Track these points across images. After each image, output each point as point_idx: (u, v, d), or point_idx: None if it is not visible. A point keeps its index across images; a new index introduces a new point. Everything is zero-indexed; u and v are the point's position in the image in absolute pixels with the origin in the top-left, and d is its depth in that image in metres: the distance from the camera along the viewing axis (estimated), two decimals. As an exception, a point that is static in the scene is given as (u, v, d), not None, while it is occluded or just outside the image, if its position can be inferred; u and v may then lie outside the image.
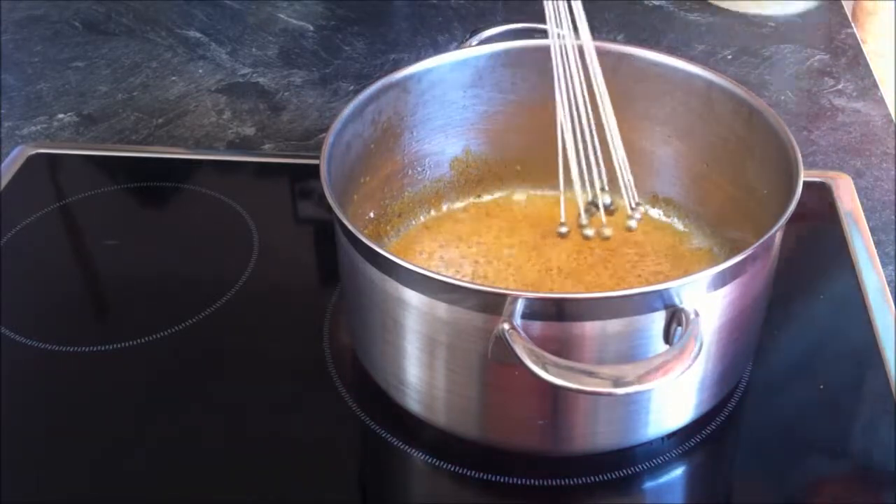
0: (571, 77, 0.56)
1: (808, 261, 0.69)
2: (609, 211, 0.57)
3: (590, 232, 0.57)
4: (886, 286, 0.66)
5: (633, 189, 0.57)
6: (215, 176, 0.79)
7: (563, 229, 0.57)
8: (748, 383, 0.60)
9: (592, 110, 0.56)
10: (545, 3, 0.56)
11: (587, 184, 0.56)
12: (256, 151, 0.84)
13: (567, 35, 0.55)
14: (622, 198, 0.57)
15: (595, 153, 0.56)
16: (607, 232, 0.57)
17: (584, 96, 0.56)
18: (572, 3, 0.56)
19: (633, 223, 0.57)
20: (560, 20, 0.55)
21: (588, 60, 0.57)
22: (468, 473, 0.55)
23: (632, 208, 0.57)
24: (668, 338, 0.48)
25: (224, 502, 0.54)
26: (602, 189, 0.56)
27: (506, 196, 0.70)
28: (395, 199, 0.66)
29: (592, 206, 0.57)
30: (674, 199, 0.67)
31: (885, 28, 1.17)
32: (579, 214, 0.57)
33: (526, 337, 0.46)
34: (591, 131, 0.56)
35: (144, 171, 0.80)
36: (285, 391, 0.60)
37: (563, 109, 0.56)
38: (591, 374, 0.45)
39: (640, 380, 0.44)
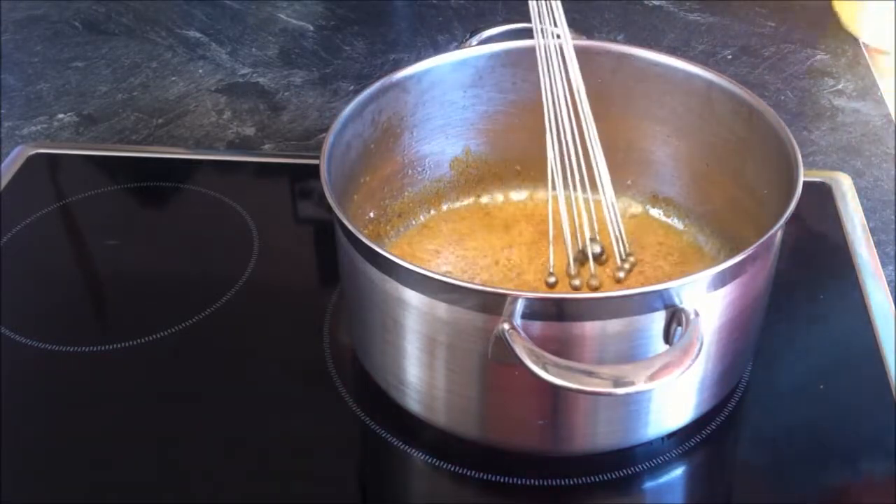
0: (560, 111, 0.56)
1: (808, 261, 0.69)
2: (600, 261, 0.57)
3: (577, 282, 0.58)
4: (886, 286, 0.66)
5: (624, 240, 0.57)
6: (215, 176, 0.79)
7: (552, 279, 0.58)
8: (748, 383, 0.60)
9: (583, 152, 0.57)
10: (530, 2, 0.56)
11: (577, 233, 0.57)
12: (256, 151, 0.84)
13: (554, 37, 0.55)
14: (612, 246, 0.58)
15: (588, 201, 0.56)
16: (595, 283, 0.58)
17: (575, 142, 0.56)
18: (553, 4, 0.56)
19: (621, 274, 0.59)
20: (545, 21, 0.55)
21: (574, 80, 0.56)
22: (468, 473, 0.55)
23: (622, 259, 0.58)
24: (668, 338, 0.48)
25: (224, 502, 0.54)
26: (592, 239, 0.57)
27: (506, 196, 0.70)
28: (395, 199, 0.66)
29: (582, 254, 0.57)
30: (674, 199, 0.67)
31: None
32: (569, 264, 0.57)
33: (526, 337, 0.46)
34: (581, 177, 0.56)
35: (144, 171, 0.80)
36: (285, 391, 0.60)
37: (554, 156, 0.56)
38: (591, 374, 0.45)
39: (640, 380, 0.44)
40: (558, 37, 0.57)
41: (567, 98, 0.57)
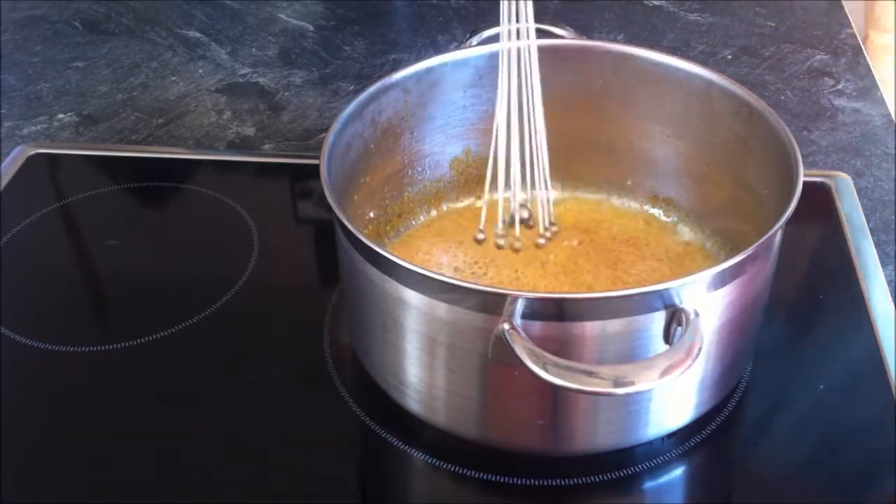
0: (523, 80, 0.59)
1: (808, 261, 0.69)
2: (527, 225, 0.62)
3: (502, 242, 0.62)
4: (886, 286, 0.66)
5: (551, 211, 0.62)
6: (215, 176, 0.79)
7: (481, 236, 0.62)
8: (748, 383, 0.60)
9: (529, 122, 0.60)
10: (501, 2, 0.57)
11: (511, 197, 0.61)
12: (256, 151, 0.84)
13: (523, 35, 0.58)
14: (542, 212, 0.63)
15: (530, 166, 0.61)
16: (518, 245, 0.62)
17: (529, 108, 0.60)
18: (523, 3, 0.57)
19: (542, 241, 0.62)
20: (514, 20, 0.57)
21: (529, 65, 0.59)
22: (468, 473, 0.55)
23: (545, 227, 0.62)
24: (668, 338, 0.48)
25: (224, 502, 0.54)
26: (521, 205, 0.62)
27: (506, 196, 0.69)
28: (395, 199, 0.66)
29: (511, 218, 0.62)
30: (674, 199, 0.67)
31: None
32: (498, 223, 0.62)
33: (526, 337, 0.46)
34: (528, 143, 0.60)
35: (144, 171, 0.80)
36: (285, 391, 0.60)
37: (503, 121, 0.59)
38: (591, 374, 0.45)
39: (640, 380, 0.44)
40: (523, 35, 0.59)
41: (527, 98, 0.59)
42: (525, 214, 0.62)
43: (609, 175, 0.68)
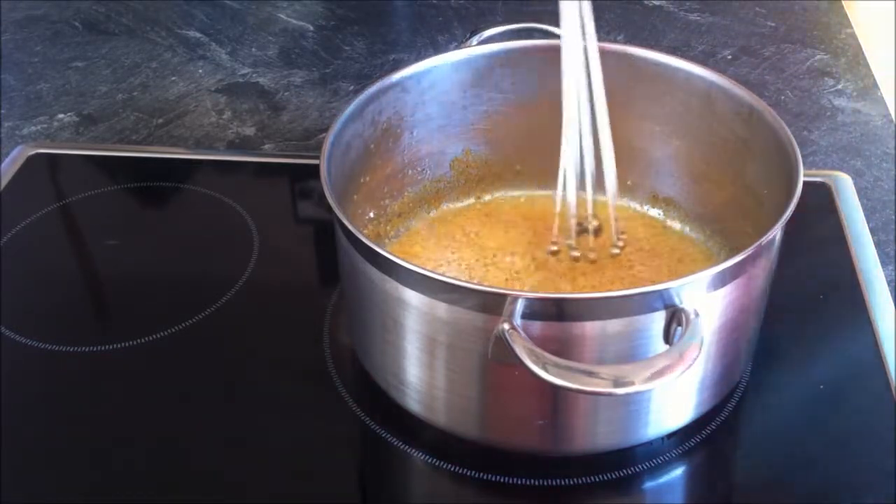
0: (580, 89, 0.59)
1: (808, 261, 0.69)
2: (597, 234, 0.63)
3: (577, 254, 0.62)
4: (886, 286, 0.66)
5: (617, 221, 0.63)
6: (215, 176, 0.79)
7: (554, 248, 0.63)
8: (748, 383, 0.60)
9: (594, 141, 0.60)
10: (561, 3, 0.57)
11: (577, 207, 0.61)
12: (256, 151, 0.84)
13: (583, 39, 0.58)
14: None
15: (593, 181, 0.61)
16: (593, 255, 0.62)
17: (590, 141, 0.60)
18: (583, 4, 0.57)
19: (615, 250, 0.63)
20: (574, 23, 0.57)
21: (593, 68, 0.59)
22: (468, 473, 0.55)
23: (617, 237, 0.63)
24: (668, 338, 0.48)
25: (224, 502, 0.54)
26: (593, 215, 0.62)
27: (506, 196, 0.70)
28: (395, 199, 0.66)
29: (580, 227, 0.62)
30: (674, 199, 0.67)
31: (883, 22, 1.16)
32: (570, 236, 0.62)
33: (526, 337, 0.46)
34: (592, 175, 0.61)
35: (144, 171, 0.80)
36: (285, 391, 0.60)
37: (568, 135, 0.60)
38: (591, 374, 0.45)
39: (640, 380, 0.44)
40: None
41: (586, 98, 0.59)
42: (595, 223, 0.63)
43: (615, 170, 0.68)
